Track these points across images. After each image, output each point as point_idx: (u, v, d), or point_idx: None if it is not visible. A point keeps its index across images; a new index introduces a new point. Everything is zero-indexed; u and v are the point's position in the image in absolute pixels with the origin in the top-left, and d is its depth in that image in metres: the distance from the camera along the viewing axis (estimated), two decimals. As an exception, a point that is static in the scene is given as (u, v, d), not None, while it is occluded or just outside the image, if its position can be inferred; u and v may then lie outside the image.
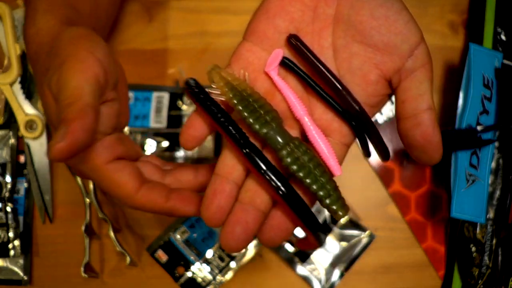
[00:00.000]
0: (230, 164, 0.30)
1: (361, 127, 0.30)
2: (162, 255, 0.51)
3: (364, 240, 0.51)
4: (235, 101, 0.29)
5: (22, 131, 0.51)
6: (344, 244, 0.51)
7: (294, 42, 0.30)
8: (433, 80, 0.29)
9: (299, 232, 0.51)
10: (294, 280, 0.51)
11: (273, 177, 0.28)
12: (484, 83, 0.48)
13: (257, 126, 0.29)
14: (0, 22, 0.53)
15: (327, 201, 0.28)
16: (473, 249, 0.49)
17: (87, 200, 0.50)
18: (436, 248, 0.51)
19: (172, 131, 0.53)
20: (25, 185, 0.52)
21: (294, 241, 0.48)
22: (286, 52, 0.31)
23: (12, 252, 0.50)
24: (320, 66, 0.30)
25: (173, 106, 0.53)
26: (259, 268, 0.51)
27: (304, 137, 0.31)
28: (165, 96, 0.53)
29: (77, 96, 0.28)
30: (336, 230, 0.51)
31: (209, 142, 0.53)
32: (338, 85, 0.30)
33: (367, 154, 0.33)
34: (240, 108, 0.29)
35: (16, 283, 0.50)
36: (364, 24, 0.29)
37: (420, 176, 0.52)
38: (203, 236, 0.51)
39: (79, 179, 0.50)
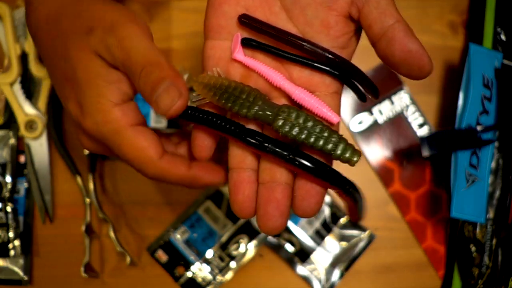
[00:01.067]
0: (239, 154, 0.31)
1: (342, 71, 0.30)
2: (162, 255, 0.51)
3: (364, 240, 0.51)
4: (217, 98, 0.30)
5: (22, 131, 0.51)
6: (344, 244, 0.51)
7: (245, 21, 0.31)
8: None
9: (299, 234, 0.51)
10: (294, 280, 0.51)
11: (278, 150, 0.28)
12: (484, 83, 0.48)
13: (244, 111, 0.29)
14: (0, 22, 0.53)
15: (338, 152, 0.28)
16: (473, 249, 0.49)
17: (87, 200, 0.50)
18: (436, 248, 0.51)
19: (172, 131, 0.53)
20: (25, 185, 0.52)
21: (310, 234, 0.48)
22: (245, 34, 0.32)
23: (12, 252, 0.50)
24: (277, 32, 0.30)
25: (173, 106, 0.53)
26: (259, 268, 0.51)
27: (293, 103, 0.31)
28: (165, 96, 0.53)
29: (157, 56, 0.29)
30: (336, 230, 0.51)
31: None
32: (301, 42, 0.30)
33: (361, 97, 0.32)
34: (223, 101, 0.30)
35: (16, 283, 0.50)
36: None
37: (420, 176, 0.52)
38: (203, 236, 0.51)
39: (79, 179, 0.50)
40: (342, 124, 0.53)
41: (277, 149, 0.28)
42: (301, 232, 0.51)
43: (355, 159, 0.29)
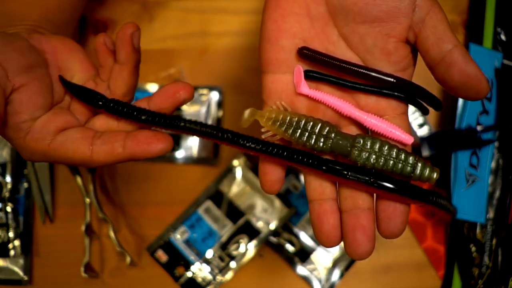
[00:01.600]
0: (317, 186, 0.31)
1: (405, 92, 0.31)
2: (162, 255, 0.51)
3: (364, 240, 0.51)
4: (289, 133, 0.30)
5: (22, 131, 0.51)
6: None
7: (306, 53, 0.31)
8: (447, 19, 0.29)
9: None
10: (294, 280, 0.51)
11: (359, 176, 0.29)
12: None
13: (320, 144, 0.30)
14: None
15: (417, 173, 0.29)
16: (473, 249, 0.49)
17: (87, 200, 0.50)
18: (436, 248, 0.51)
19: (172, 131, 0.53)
20: (25, 185, 0.52)
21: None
22: (305, 65, 0.32)
23: (12, 252, 0.50)
24: (339, 62, 0.30)
25: (173, 106, 0.53)
26: (259, 268, 0.51)
27: (363, 129, 0.31)
28: (165, 96, 0.53)
29: None
30: (336, 230, 0.51)
31: (209, 142, 0.53)
32: (363, 70, 0.30)
33: (424, 112, 0.33)
34: (296, 136, 0.30)
35: (16, 283, 0.50)
36: (358, 4, 0.29)
37: (420, 176, 0.52)
38: (203, 236, 0.51)
39: (79, 179, 0.50)
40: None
41: (358, 175, 0.29)
42: (301, 232, 0.51)
43: (434, 176, 0.29)
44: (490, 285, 0.48)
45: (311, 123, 0.30)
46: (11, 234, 0.50)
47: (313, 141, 0.30)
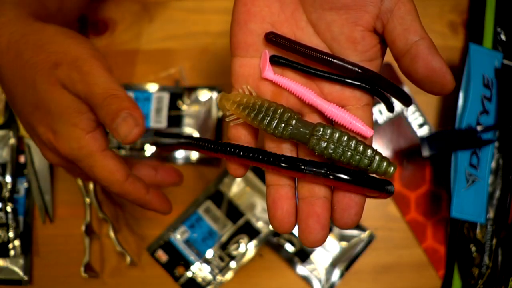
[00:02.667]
0: (276, 175, 0.31)
1: (372, 83, 0.31)
2: (162, 255, 0.51)
3: (364, 240, 0.51)
4: (251, 118, 0.30)
5: (22, 131, 0.51)
6: (344, 244, 0.51)
7: (272, 38, 0.31)
8: (416, 10, 0.29)
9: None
10: (294, 280, 0.51)
11: (315, 170, 0.29)
12: (484, 83, 0.48)
13: (279, 130, 0.30)
14: (0, 22, 0.52)
15: (374, 166, 0.29)
16: (473, 249, 0.49)
17: (87, 200, 0.50)
18: (436, 248, 0.51)
19: (172, 131, 0.53)
20: (25, 185, 0.52)
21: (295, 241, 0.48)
22: (272, 50, 0.32)
23: (12, 252, 0.50)
24: (305, 49, 0.30)
25: (173, 106, 0.53)
26: (259, 268, 0.51)
27: (325, 119, 0.31)
28: (165, 96, 0.53)
29: (116, 89, 0.33)
30: (336, 230, 0.51)
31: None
32: (330, 58, 0.30)
33: (390, 108, 0.33)
34: (258, 121, 0.30)
35: (16, 283, 0.50)
36: None
37: (420, 176, 0.52)
38: (203, 236, 0.51)
39: (79, 179, 0.50)
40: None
41: (314, 169, 0.29)
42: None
43: (391, 170, 0.29)
44: (490, 285, 0.48)
45: (273, 108, 0.30)
46: (11, 234, 0.50)
47: (273, 126, 0.30)
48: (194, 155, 0.53)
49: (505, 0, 0.52)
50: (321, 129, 0.29)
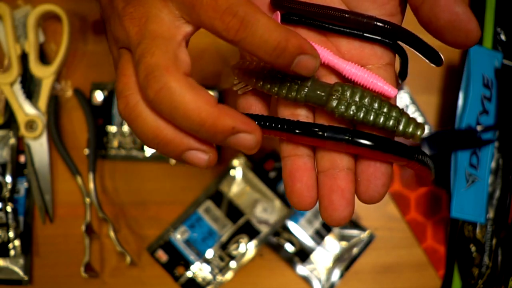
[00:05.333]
0: (292, 145, 0.28)
1: (394, 39, 0.28)
2: (162, 255, 0.51)
3: (364, 240, 0.51)
4: (261, 83, 0.28)
5: (22, 131, 0.51)
6: (344, 244, 0.51)
7: (279, 3, 0.28)
8: None
9: (300, 233, 0.51)
10: (294, 280, 0.51)
11: (337, 136, 0.26)
12: (484, 83, 0.48)
13: (293, 94, 0.27)
14: (0, 22, 0.53)
15: (400, 128, 0.26)
16: (473, 249, 0.49)
17: (87, 200, 0.50)
18: (436, 248, 0.51)
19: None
20: (25, 185, 0.52)
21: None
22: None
23: (12, 252, 0.50)
24: (317, 9, 0.28)
25: (173, 106, 0.53)
26: (259, 268, 0.51)
27: (344, 79, 0.29)
28: (165, 96, 0.53)
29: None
30: (336, 230, 0.51)
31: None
32: (345, 14, 0.27)
33: (403, 75, 0.30)
34: (268, 86, 0.27)
35: (17, 283, 0.50)
36: None
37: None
38: (203, 236, 0.51)
39: (79, 179, 0.50)
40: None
41: (336, 135, 0.26)
42: (301, 232, 0.51)
43: (418, 133, 0.26)
44: (490, 285, 0.48)
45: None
46: (11, 234, 0.50)
47: (285, 90, 0.27)
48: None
49: (505, 0, 0.52)
50: (340, 89, 0.26)
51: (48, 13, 0.52)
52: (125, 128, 0.53)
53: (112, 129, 0.53)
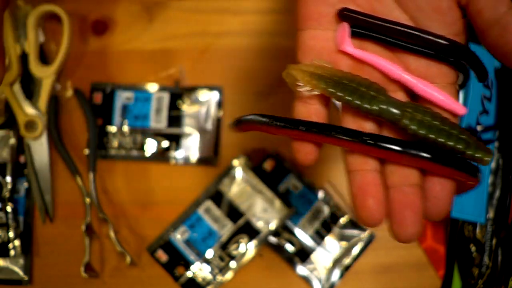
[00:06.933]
0: (360, 157, 0.28)
1: (458, 57, 0.28)
2: (162, 255, 0.51)
3: (364, 240, 0.51)
4: (332, 89, 0.27)
5: (22, 131, 0.51)
6: (344, 243, 0.51)
7: (346, 15, 0.28)
8: None
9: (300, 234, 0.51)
10: (294, 280, 0.51)
11: (412, 151, 0.26)
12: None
13: (366, 105, 0.27)
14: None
15: (469, 152, 0.26)
16: (473, 249, 0.49)
17: (87, 200, 0.50)
18: (436, 248, 0.51)
19: (172, 131, 0.53)
20: (25, 185, 0.52)
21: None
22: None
23: (12, 252, 0.50)
24: (386, 23, 0.28)
25: (173, 106, 0.53)
26: (259, 268, 0.51)
27: (411, 96, 0.29)
28: (165, 96, 0.53)
29: None
30: (336, 229, 0.51)
31: (209, 142, 0.53)
32: (416, 32, 0.27)
33: (481, 78, 0.30)
34: (340, 94, 0.27)
35: (17, 283, 0.50)
36: None
37: (420, 176, 0.52)
38: (203, 236, 0.51)
39: (79, 179, 0.50)
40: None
41: (412, 151, 0.26)
42: (301, 232, 0.51)
43: (487, 158, 0.27)
44: (490, 285, 0.48)
45: (357, 81, 0.27)
46: (11, 234, 0.50)
47: (358, 100, 0.27)
48: (194, 155, 0.53)
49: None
50: (413, 107, 0.27)
51: (48, 13, 0.52)
52: (125, 128, 0.53)
53: (112, 129, 0.53)
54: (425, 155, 0.26)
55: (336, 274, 0.51)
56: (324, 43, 0.29)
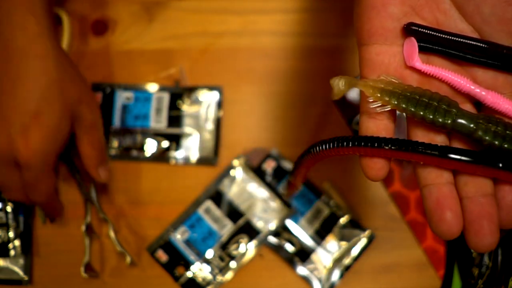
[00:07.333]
0: (434, 170, 0.28)
1: None
2: (162, 255, 0.51)
3: (364, 240, 0.51)
4: (404, 105, 0.28)
5: (22, 131, 0.51)
6: (344, 243, 0.51)
7: (412, 29, 0.28)
8: None
9: (301, 234, 0.51)
10: (294, 280, 0.51)
11: (496, 163, 0.26)
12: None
13: (440, 119, 0.27)
14: (0, 22, 0.52)
15: None
16: (473, 249, 0.49)
17: (87, 200, 0.50)
18: (436, 248, 0.51)
19: (172, 131, 0.53)
20: (25, 185, 0.52)
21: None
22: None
23: (12, 252, 0.50)
24: (452, 37, 0.28)
25: (173, 106, 0.53)
26: (259, 268, 0.51)
27: (478, 107, 0.29)
28: (165, 96, 0.53)
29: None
30: (336, 230, 0.51)
31: (209, 142, 0.53)
32: (481, 44, 0.28)
33: None
34: (413, 109, 0.28)
35: (17, 283, 0.50)
36: None
37: (420, 176, 0.52)
38: (203, 236, 0.51)
39: (79, 179, 0.50)
40: (343, 123, 0.53)
41: (496, 162, 0.26)
42: (301, 232, 0.51)
43: None
44: (490, 285, 0.48)
45: (428, 96, 0.27)
46: (11, 234, 0.50)
47: (432, 115, 0.27)
48: (194, 155, 0.53)
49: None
50: (487, 119, 0.27)
51: (48, 13, 0.52)
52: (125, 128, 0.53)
53: (112, 129, 0.53)
54: (504, 165, 0.26)
55: (336, 274, 0.51)
56: (391, 58, 0.29)
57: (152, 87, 0.54)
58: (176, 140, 0.53)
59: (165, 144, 0.53)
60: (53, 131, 0.41)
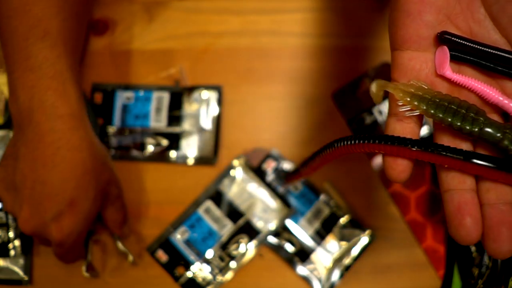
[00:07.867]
0: (457, 175, 0.29)
1: None
2: (162, 255, 0.51)
3: (364, 240, 0.51)
4: (432, 111, 0.28)
5: (22, 131, 0.51)
6: (344, 243, 0.51)
7: (446, 38, 0.29)
8: None
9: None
10: (294, 280, 0.51)
11: (511, 169, 0.27)
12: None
13: (467, 127, 0.28)
14: (0, 22, 0.52)
15: None
16: (473, 248, 0.49)
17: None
18: (436, 248, 0.51)
19: (172, 131, 0.53)
20: (25, 185, 0.52)
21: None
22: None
23: (12, 252, 0.50)
24: (485, 48, 0.28)
25: (173, 106, 0.53)
26: (259, 268, 0.51)
27: (506, 120, 0.30)
28: (165, 96, 0.53)
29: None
30: (336, 230, 0.51)
31: (209, 142, 0.53)
32: (511, 56, 0.28)
33: None
34: (441, 115, 0.28)
35: (17, 283, 0.50)
36: None
37: (420, 176, 0.52)
38: (203, 236, 0.51)
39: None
40: (343, 123, 0.53)
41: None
42: (301, 232, 0.51)
43: None
44: (490, 285, 0.48)
45: (457, 103, 0.28)
46: (11, 234, 0.50)
47: (460, 122, 0.28)
48: (194, 155, 0.53)
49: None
50: None
51: (48, 13, 0.52)
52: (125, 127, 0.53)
53: (112, 129, 0.53)
54: None
55: (336, 274, 0.51)
56: (422, 65, 0.30)
57: (152, 87, 0.54)
58: (176, 139, 0.53)
59: (165, 143, 0.53)
60: (85, 215, 0.42)
